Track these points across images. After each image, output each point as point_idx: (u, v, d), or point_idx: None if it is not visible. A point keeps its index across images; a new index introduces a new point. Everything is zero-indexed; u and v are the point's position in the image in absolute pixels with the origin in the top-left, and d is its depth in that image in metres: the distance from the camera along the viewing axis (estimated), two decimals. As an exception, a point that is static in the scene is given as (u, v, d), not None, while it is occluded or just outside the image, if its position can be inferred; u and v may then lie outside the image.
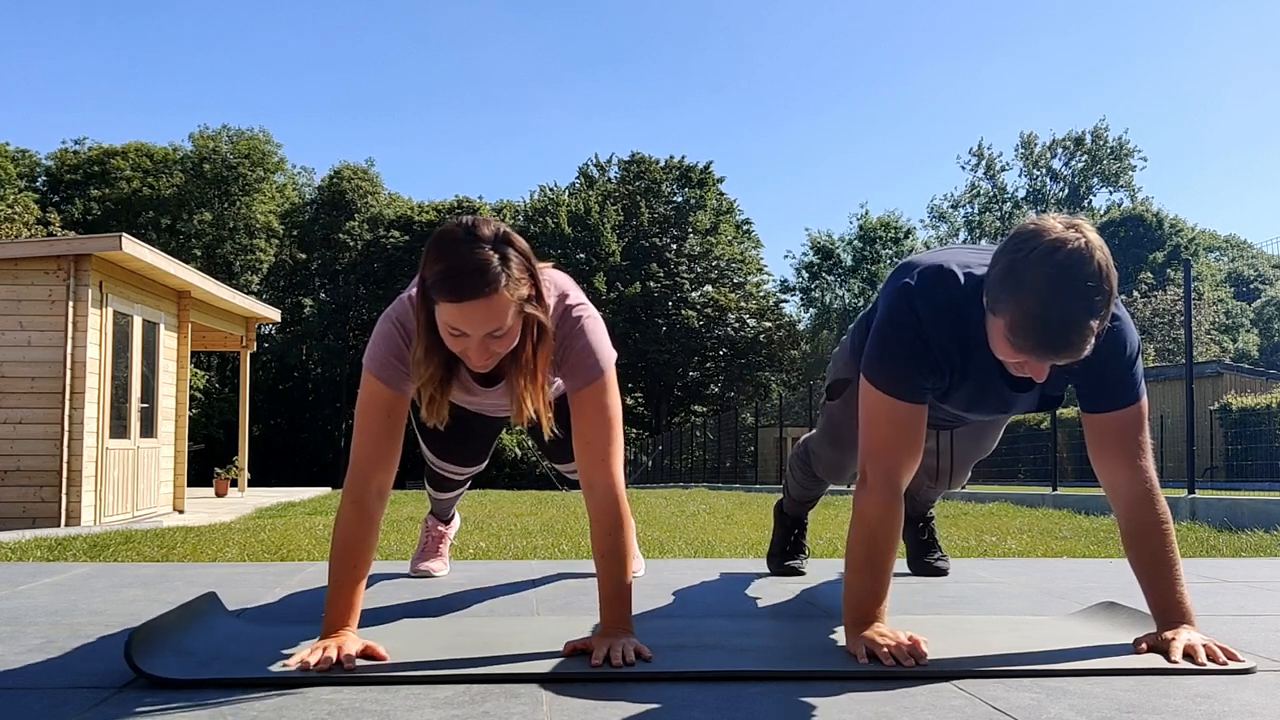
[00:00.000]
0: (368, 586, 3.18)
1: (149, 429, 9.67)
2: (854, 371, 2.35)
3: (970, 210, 52.79)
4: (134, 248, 8.53)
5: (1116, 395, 2.11)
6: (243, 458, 14.13)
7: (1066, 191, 50.88)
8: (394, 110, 79.09)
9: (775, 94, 79.09)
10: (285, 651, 2.02)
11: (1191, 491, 7.93)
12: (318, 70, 76.67)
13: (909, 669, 1.89)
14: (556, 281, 2.18)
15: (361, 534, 2.05)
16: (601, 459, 2.10)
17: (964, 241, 51.05)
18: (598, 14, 78.17)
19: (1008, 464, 16.60)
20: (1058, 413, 12.69)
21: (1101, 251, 1.85)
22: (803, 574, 3.41)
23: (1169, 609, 2.07)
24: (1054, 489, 10.22)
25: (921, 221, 56.47)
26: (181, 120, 79.46)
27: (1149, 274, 36.88)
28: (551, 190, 48.22)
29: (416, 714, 1.62)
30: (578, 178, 48.92)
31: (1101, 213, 50.17)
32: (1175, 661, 1.93)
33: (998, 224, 51.41)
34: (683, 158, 47.63)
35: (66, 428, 8.16)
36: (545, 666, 1.91)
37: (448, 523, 3.48)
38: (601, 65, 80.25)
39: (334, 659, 1.87)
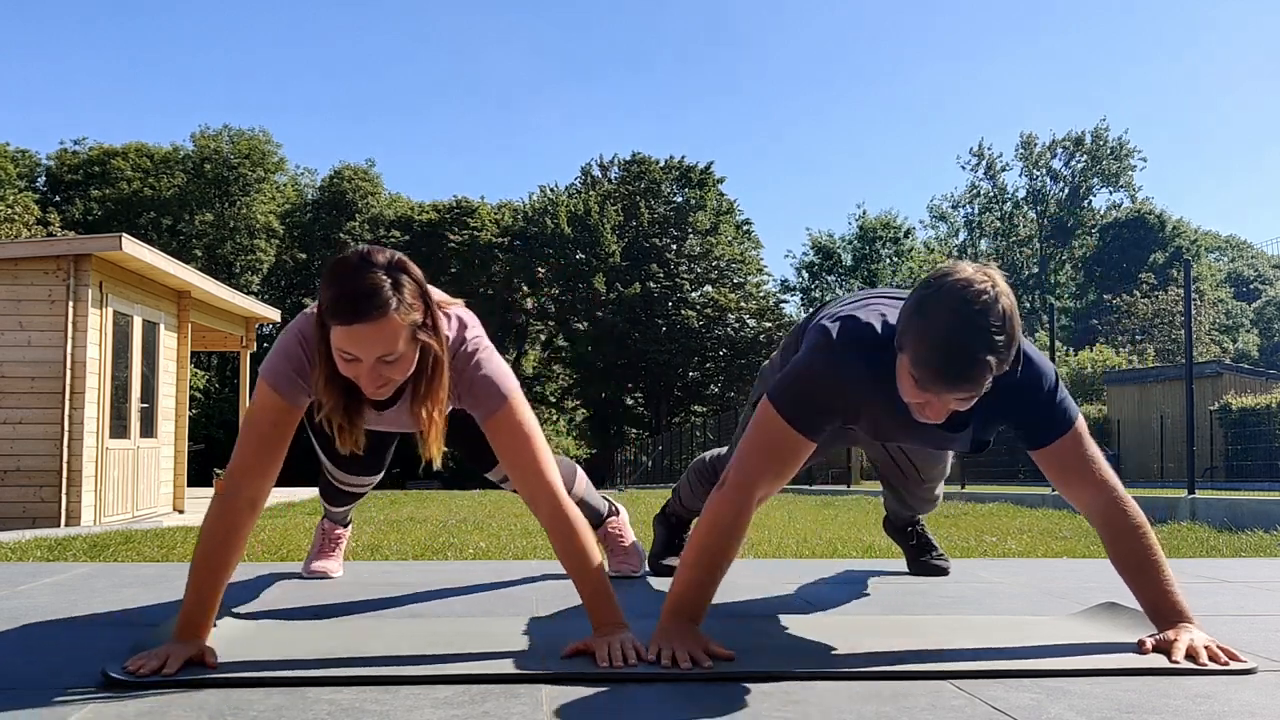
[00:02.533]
0: (370, 584, 3.19)
1: (149, 429, 9.67)
2: None
3: (970, 210, 52.78)
4: (134, 248, 8.53)
5: (1053, 426, 2.19)
6: (243, 458, 14.09)
7: (1066, 191, 50.82)
8: (394, 111, 79.16)
9: (775, 94, 79.19)
10: (286, 652, 2.03)
11: (1191, 491, 7.93)
12: (318, 71, 76.77)
13: (909, 670, 1.89)
14: (460, 317, 2.20)
15: (228, 541, 2.03)
16: (534, 473, 2.13)
17: (962, 242, 51.13)
18: (598, 15, 78.24)
19: (1008, 464, 16.59)
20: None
21: (1008, 299, 1.92)
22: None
23: (1163, 607, 2.08)
24: (1054, 489, 10.20)
25: (921, 222, 56.55)
26: (181, 120, 79.60)
27: (1150, 274, 36.88)
28: (551, 191, 48.18)
29: (416, 714, 1.62)
30: (581, 178, 48.88)
31: (1102, 213, 50.16)
32: (1177, 662, 1.93)
33: (997, 224, 51.38)
34: (683, 158, 47.55)
35: (66, 428, 8.16)
36: (545, 667, 1.91)
37: (345, 526, 3.53)
38: (602, 66, 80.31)
39: (158, 667, 1.83)
